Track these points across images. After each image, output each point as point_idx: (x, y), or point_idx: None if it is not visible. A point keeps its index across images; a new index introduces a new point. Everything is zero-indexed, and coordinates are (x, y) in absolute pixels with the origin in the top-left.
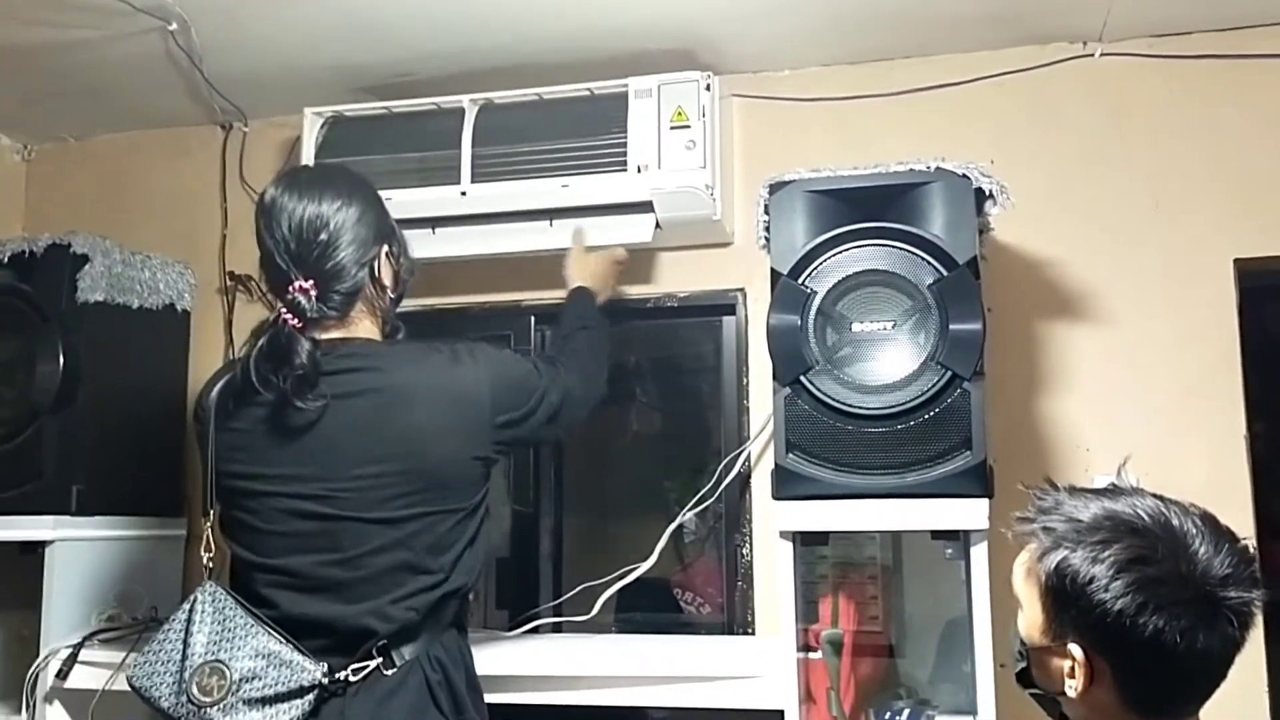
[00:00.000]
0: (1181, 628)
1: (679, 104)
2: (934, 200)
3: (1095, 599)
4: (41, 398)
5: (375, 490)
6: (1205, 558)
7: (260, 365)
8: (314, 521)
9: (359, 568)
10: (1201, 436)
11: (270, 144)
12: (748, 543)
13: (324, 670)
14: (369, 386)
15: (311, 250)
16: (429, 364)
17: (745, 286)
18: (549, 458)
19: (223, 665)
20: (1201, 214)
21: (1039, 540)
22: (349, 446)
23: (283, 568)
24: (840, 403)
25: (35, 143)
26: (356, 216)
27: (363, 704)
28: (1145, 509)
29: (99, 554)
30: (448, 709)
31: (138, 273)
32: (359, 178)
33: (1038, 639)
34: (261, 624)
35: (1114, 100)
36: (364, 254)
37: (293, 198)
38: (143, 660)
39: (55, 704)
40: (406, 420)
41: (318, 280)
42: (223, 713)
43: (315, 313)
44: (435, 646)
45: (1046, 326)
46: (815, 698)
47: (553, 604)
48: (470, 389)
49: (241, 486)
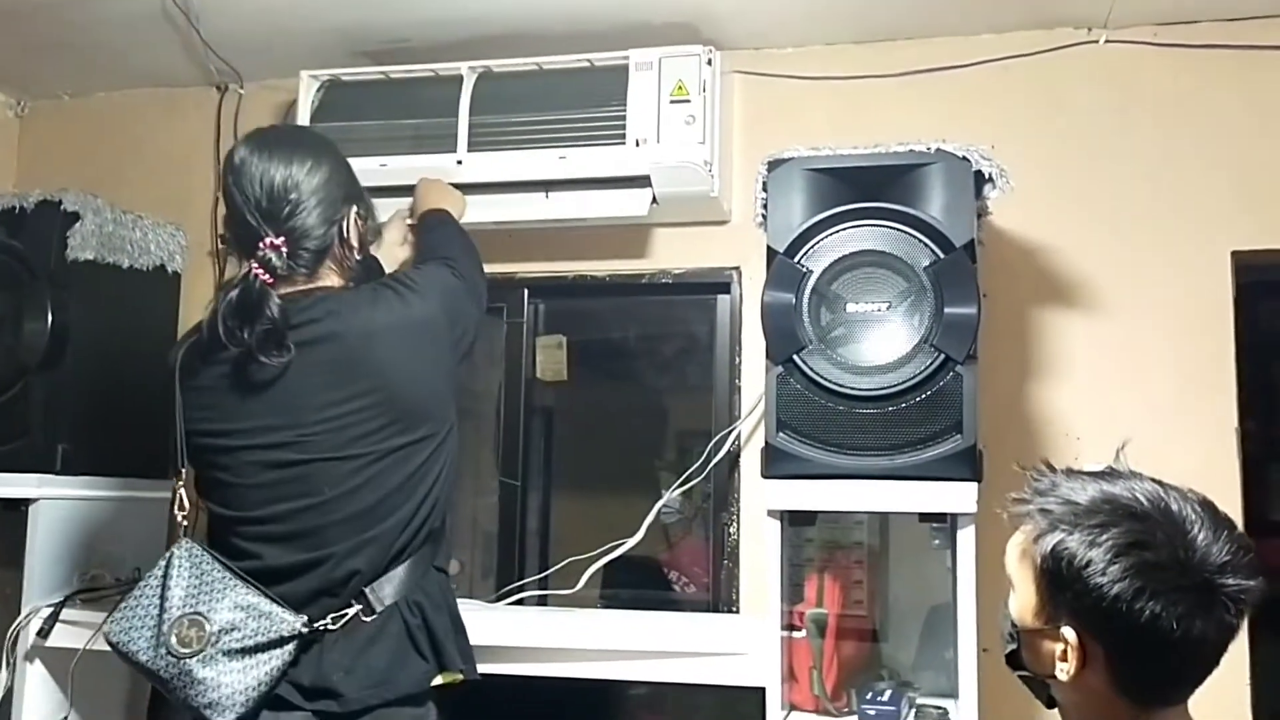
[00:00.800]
0: (1179, 614)
1: (680, 78)
2: (933, 182)
3: (1091, 583)
4: (29, 356)
5: (346, 429)
6: (1204, 544)
7: (228, 319)
8: (287, 469)
9: (336, 509)
10: (1193, 430)
11: (265, 107)
12: (735, 522)
13: (303, 621)
14: (330, 332)
15: (282, 209)
16: (382, 304)
17: (741, 265)
18: (538, 432)
19: (202, 617)
20: (1201, 205)
21: (1035, 522)
22: (314, 391)
23: (261, 518)
24: (832, 383)
25: (29, 99)
26: (326, 177)
27: (342, 651)
28: (1144, 493)
29: (83, 513)
30: (427, 652)
31: (129, 232)
32: (327, 140)
33: (1030, 621)
34: (238, 577)
35: (1117, 88)
36: (333, 213)
37: (263, 158)
38: (119, 616)
39: (36, 662)
40: (376, 357)
41: (288, 238)
42: (202, 664)
43: (285, 269)
44: (416, 591)
45: (1041, 313)
46: (798, 676)
47: (538, 577)
48: (428, 317)
49: (211, 444)
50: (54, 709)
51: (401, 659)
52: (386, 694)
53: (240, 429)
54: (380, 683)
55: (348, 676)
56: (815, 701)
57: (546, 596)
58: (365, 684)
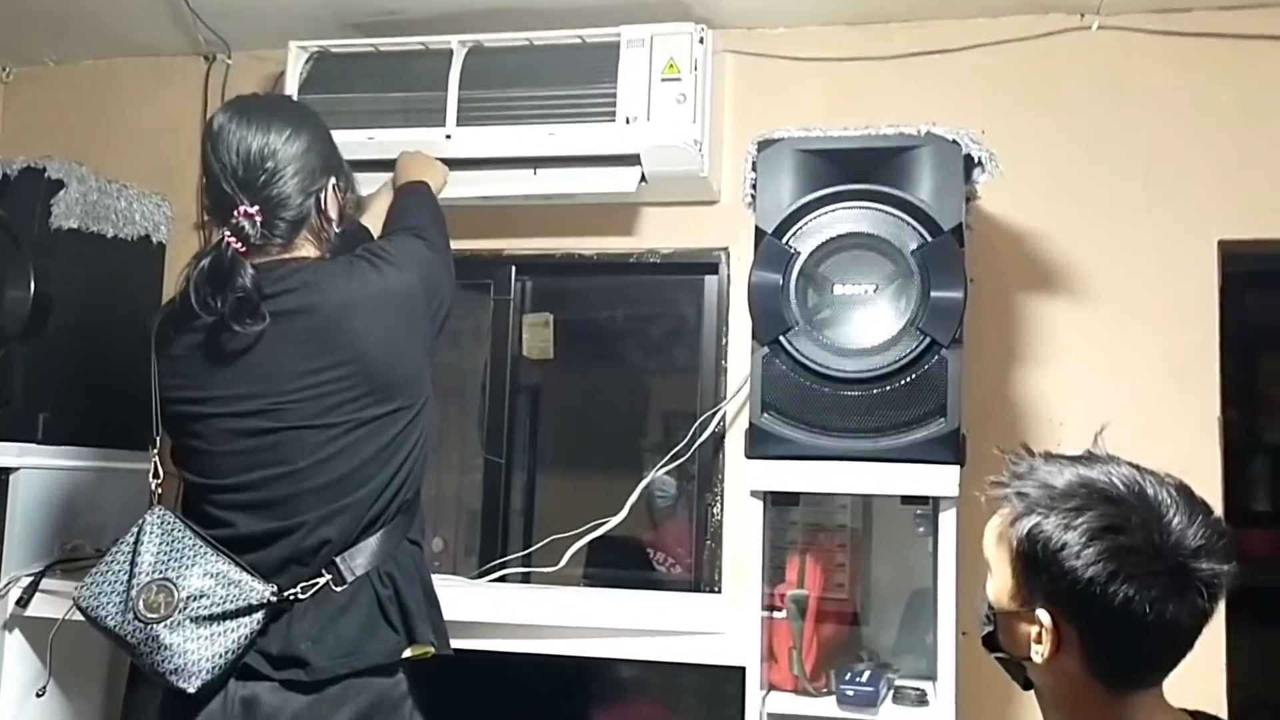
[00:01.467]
0: (1152, 597)
1: (671, 56)
2: (923, 165)
3: (1066, 565)
4: (11, 324)
5: (321, 399)
6: (1179, 528)
7: (200, 287)
8: (260, 437)
9: (308, 478)
10: (1175, 418)
11: (253, 78)
12: (718, 502)
13: (273, 590)
14: (307, 303)
15: (258, 177)
16: (358, 275)
17: (729, 246)
18: (524, 410)
19: (170, 583)
20: (1190, 193)
21: (1012, 505)
22: (289, 360)
23: (234, 486)
24: (818, 364)
25: (14, 65)
26: (304, 147)
27: (311, 620)
28: (1120, 477)
29: (64, 484)
30: (398, 624)
31: (113, 201)
32: (308, 109)
33: (1006, 604)
34: (209, 545)
35: (1109, 74)
36: (310, 184)
37: (241, 125)
38: (89, 582)
39: (15, 632)
40: (352, 329)
41: (263, 207)
42: (169, 629)
43: (259, 239)
44: (388, 562)
45: (1027, 299)
46: (777, 657)
47: (522, 554)
48: (405, 289)
49: (186, 411)
50: (33, 678)
51: (372, 629)
52: (356, 664)
53: (214, 396)
54: (349, 653)
55: (315, 646)
56: (794, 681)
57: (529, 574)
58: (334, 654)
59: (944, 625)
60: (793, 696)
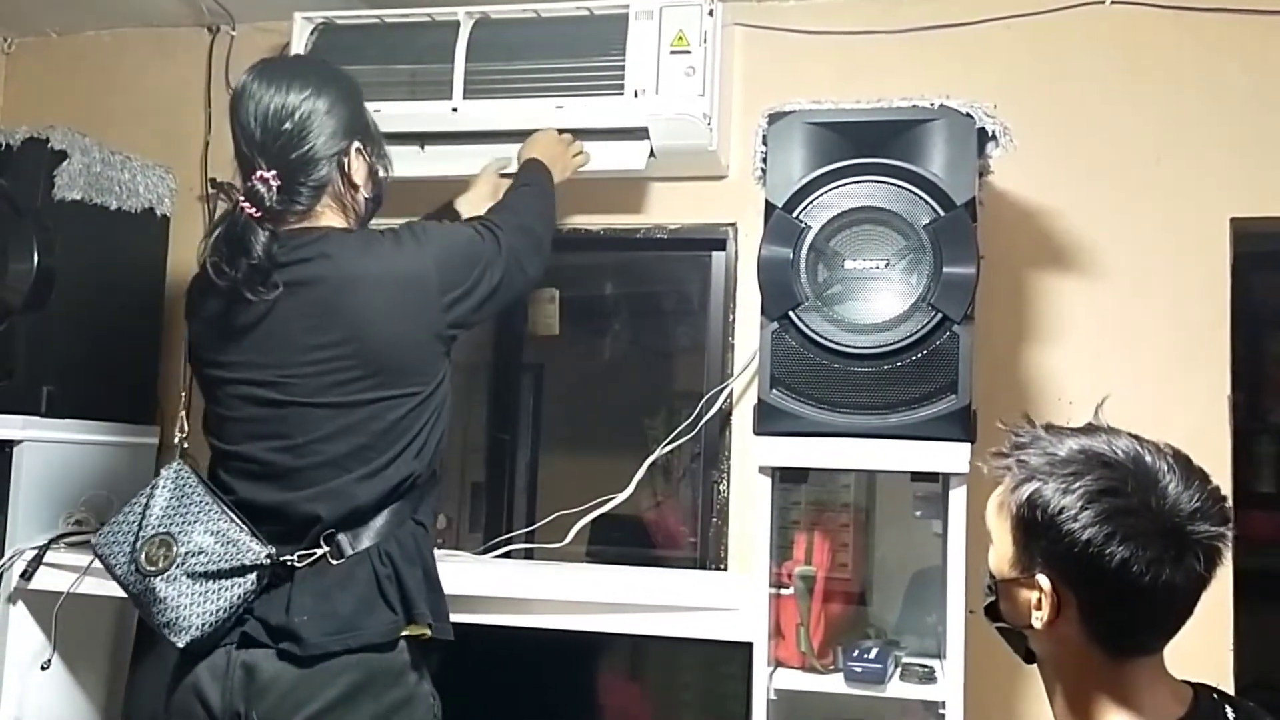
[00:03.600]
0: (1148, 559)
1: (680, 28)
2: (935, 139)
3: (1064, 529)
4: (14, 296)
5: (325, 375)
6: (1175, 492)
7: (216, 253)
8: (266, 408)
9: (307, 454)
10: (1185, 398)
11: (257, 49)
12: (725, 479)
13: (269, 552)
14: (318, 275)
15: (276, 139)
16: (374, 250)
17: (738, 221)
18: (528, 387)
19: (170, 538)
20: (1202, 170)
21: (1012, 474)
22: (299, 333)
23: (240, 454)
24: (828, 340)
25: (16, 35)
26: (325, 108)
27: (308, 594)
28: (1119, 445)
29: (68, 457)
30: (396, 603)
31: (117, 173)
32: (338, 71)
33: (1007, 571)
34: (221, 505)
35: (1122, 49)
36: (332, 147)
37: (263, 86)
38: (107, 529)
39: (19, 604)
40: (353, 306)
41: (282, 171)
42: (166, 582)
43: (277, 204)
44: (389, 541)
45: (1038, 276)
46: (784, 633)
47: (526, 530)
48: (416, 271)
49: (207, 374)
50: (37, 651)
51: (369, 608)
52: (350, 641)
53: (230, 362)
54: (343, 630)
55: (309, 621)
56: (801, 658)
57: (532, 550)
58: (327, 630)
59: (953, 603)
60: (799, 673)
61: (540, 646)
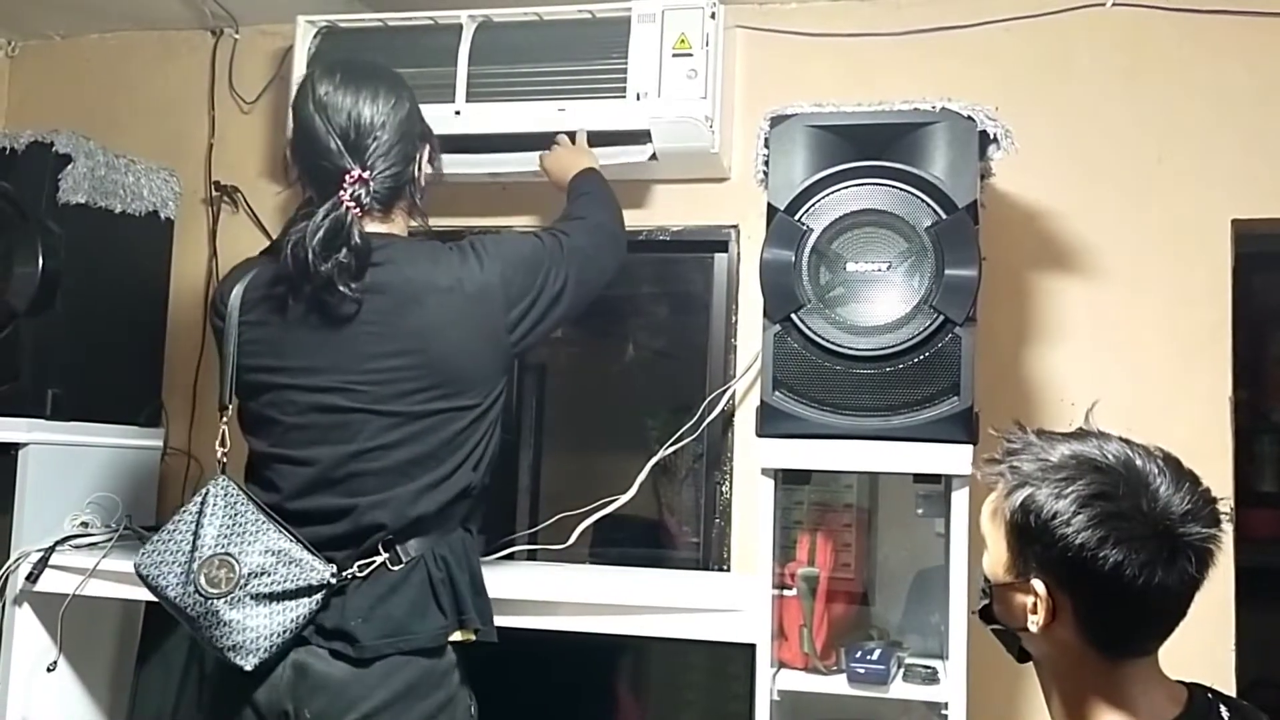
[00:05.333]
0: (1140, 562)
1: (682, 31)
2: (937, 141)
3: (1058, 534)
4: (19, 300)
5: (391, 384)
6: (1166, 495)
7: (311, 249)
8: (333, 414)
9: (375, 460)
10: (1186, 399)
11: (261, 52)
12: (727, 481)
13: (333, 571)
14: (385, 282)
15: (368, 144)
16: (442, 263)
17: (740, 223)
18: (531, 389)
19: (232, 559)
20: (1204, 171)
21: (1005, 480)
22: (365, 341)
23: (299, 459)
24: (830, 342)
25: (20, 39)
26: (405, 114)
27: (365, 596)
28: (1111, 450)
29: (74, 459)
30: (448, 607)
31: (121, 176)
32: (401, 76)
33: (1002, 575)
34: (272, 521)
35: (1123, 51)
36: (409, 152)
37: (349, 91)
38: (151, 549)
39: (25, 606)
40: (418, 317)
41: (371, 173)
42: (229, 605)
43: (368, 205)
44: (441, 545)
45: (1040, 278)
46: (787, 634)
47: (529, 531)
48: (482, 285)
49: (263, 380)
50: (42, 653)
51: (421, 610)
52: (402, 645)
53: (292, 367)
54: (397, 633)
55: (365, 624)
56: (804, 659)
57: (536, 552)
58: (382, 633)
59: (955, 604)
60: (803, 674)
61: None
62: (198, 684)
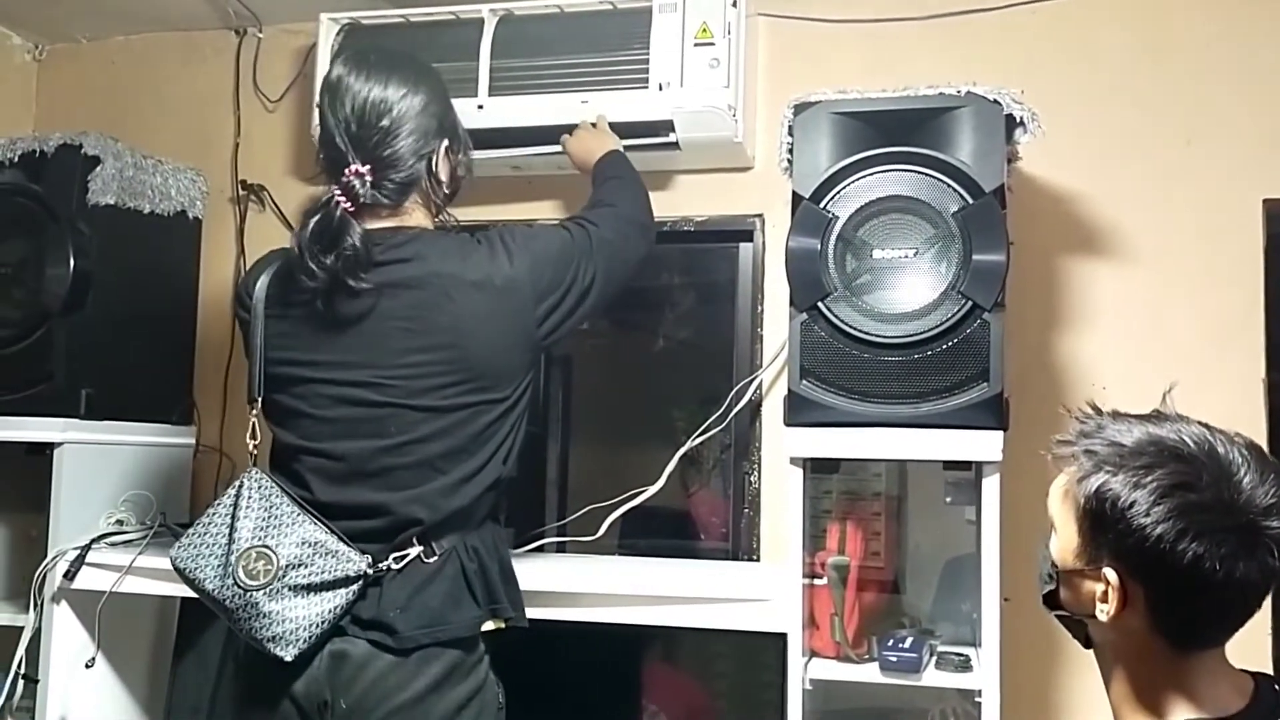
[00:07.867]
0: (1221, 555)
1: (704, 20)
2: (963, 126)
3: (1135, 524)
4: (51, 300)
5: (422, 379)
6: (1250, 486)
7: (309, 248)
8: (363, 408)
9: (407, 454)
10: (1219, 382)
11: (284, 51)
12: (756, 471)
13: (369, 561)
14: (414, 276)
15: (371, 135)
16: (471, 258)
17: (764, 212)
18: (558, 381)
19: (269, 550)
20: (1233, 151)
21: (1079, 463)
22: (396, 335)
23: (330, 452)
24: (857, 330)
25: (47, 42)
26: (420, 106)
27: (400, 588)
28: (1191, 435)
29: (108, 458)
30: (481, 597)
31: (149, 177)
32: (428, 67)
33: (1071, 562)
34: (306, 513)
35: (1150, 31)
36: (423, 145)
37: (359, 78)
38: (187, 543)
39: (63, 604)
40: (450, 312)
41: (374, 166)
42: (269, 597)
43: (368, 199)
44: (472, 537)
45: (1068, 262)
46: (819, 623)
47: (559, 523)
48: (511, 280)
49: (291, 373)
50: (80, 650)
51: (455, 601)
52: (439, 635)
53: (322, 361)
54: (433, 623)
55: (402, 614)
56: (836, 648)
57: (564, 544)
58: (419, 623)
59: (988, 591)
60: (834, 663)
61: (574, 640)
62: (234, 678)
